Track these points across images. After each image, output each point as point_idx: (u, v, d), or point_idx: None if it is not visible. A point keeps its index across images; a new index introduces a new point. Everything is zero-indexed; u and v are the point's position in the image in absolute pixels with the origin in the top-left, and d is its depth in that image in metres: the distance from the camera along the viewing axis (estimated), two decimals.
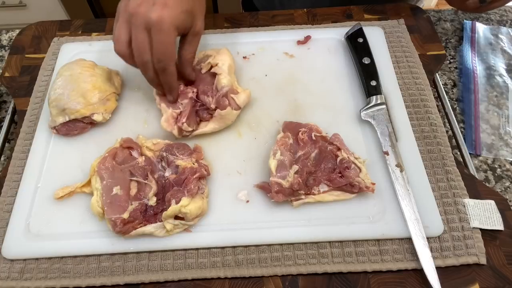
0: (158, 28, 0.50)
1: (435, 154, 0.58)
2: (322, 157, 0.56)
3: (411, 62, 0.67)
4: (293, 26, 0.72)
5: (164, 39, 0.50)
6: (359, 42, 0.66)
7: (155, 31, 0.50)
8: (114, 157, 0.55)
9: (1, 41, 0.77)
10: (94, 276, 0.50)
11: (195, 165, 0.54)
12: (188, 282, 0.50)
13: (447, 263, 0.50)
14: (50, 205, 0.55)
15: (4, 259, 0.51)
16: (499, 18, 0.77)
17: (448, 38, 0.76)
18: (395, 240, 0.51)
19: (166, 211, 0.50)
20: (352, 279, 0.50)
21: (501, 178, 0.59)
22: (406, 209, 0.52)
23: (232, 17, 0.74)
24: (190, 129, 0.57)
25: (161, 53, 0.51)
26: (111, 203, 0.51)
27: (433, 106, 0.62)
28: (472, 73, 0.70)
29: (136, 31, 0.51)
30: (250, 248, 0.51)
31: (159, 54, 0.51)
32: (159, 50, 0.51)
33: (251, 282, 0.50)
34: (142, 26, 0.50)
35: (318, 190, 0.53)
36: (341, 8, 0.75)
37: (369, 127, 0.60)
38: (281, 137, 0.56)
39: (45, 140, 0.60)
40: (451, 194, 0.55)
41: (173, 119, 0.58)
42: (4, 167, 0.59)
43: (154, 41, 0.51)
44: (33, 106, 0.64)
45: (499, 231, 0.52)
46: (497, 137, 0.63)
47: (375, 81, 0.62)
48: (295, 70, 0.66)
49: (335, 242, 0.51)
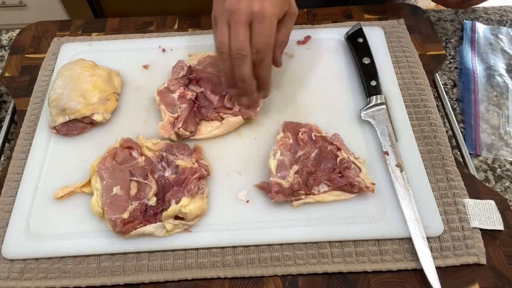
0: (260, 19, 0.49)
1: (435, 154, 0.58)
2: (322, 157, 0.56)
3: (411, 62, 0.67)
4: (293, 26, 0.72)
5: (266, 30, 0.50)
6: (359, 42, 0.66)
7: (257, 22, 0.50)
8: (114, 157, 0.55)
9: (1, 41, 0.77)
10: (94, 276, 0.50)
11: (195, 165, 0.54)
12: (188, 282, 0.50)
13: (447, 263, 0.50)
14: (50, 205, 0.55)
15: (4, 259, 0.51)
16: (499, 18, 0.77)
17: (448, 38, 0.76)
18: (395, 240, 0.51)
19: (166, 211, 0.50)
20: (352, 279, 0.50)
21: (501, 178, 0.59)
22: (406, 209, 0.52)
23: None
24: (188, 133, 0.57)
25: (262, 43, 0.51)
26: (111, 203, 0.51)
27: (433, 106, 0.62)
28: (472, 73, 0.70)
29: (236, 27, 0.50)
30: (250, 248, 0.51)
31: (260, 44, 0.51)
32: (260, 40, 0.51)
33: (251, 282, 0.50)
34: (244, 21, 0.50)
35: (318, 190, 0.53)
36: (341, 8, 0.75)
37: (369, 127, 0.60)
38: (281, 137, 0.56)
39: (45, 140, 0.60)
40: (451, 194, 0.55)
41: (170, 125, 0.58)
42: (4, 167, 0.59)
43: (255, 33, 0.50)
44: (33, 106, 0.64)
45: (499, 231, 0.52)
46: (497, 137, 0.63)
47: (375, 81, 0.62)
48: (295, 70, 0.66)
49: (335, 242, 0.51)
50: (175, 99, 0.59)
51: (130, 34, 0.72)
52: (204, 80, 0.62)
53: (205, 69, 0.63)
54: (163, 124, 0.58)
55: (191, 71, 0.63)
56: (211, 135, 0.59)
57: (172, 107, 0.59)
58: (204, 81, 0.62)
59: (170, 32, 0.72)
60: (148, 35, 0.72)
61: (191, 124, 0.58)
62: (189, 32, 0.72)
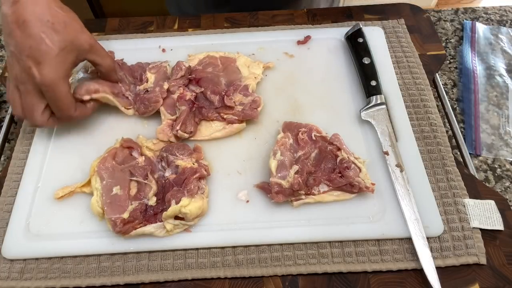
0: (45, 89, 0.49)
1: (435, 154, 0.58)
2: (322, 157, 0.56)
3: (411, 62, 0.67)
4: (293, 26, 0.72)
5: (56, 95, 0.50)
6: (359, 42, 0.66)
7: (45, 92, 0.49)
8: (114, 157, 0.55)
9: (1, 41, 0.77)
10: (94, 276, 0.50)
11: (195, 165, 0.54)
12: (188, 282, 0.50)
13: (447, 263, 0.50)
14: (50, 205, 0.55)
15: (4, 259, 0.51)
16: (499, 18, 0.77)
17: (448, 38, 0.76)
18: (395, 240, 0.51)
19: (166, 211, 0.50)
20: (352, 279, 0.50)
21: (501, 178, 0.59)
22: (406, 209, 0.52)
23: (232, 17, 0.74)
24: (186, 135, 0.57)
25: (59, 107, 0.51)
26: (111, 203, 0.51)
27: (433, 106, 0.62)
28: (472, 73, 0.70)
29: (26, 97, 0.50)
30: (250, 248, 0.51)
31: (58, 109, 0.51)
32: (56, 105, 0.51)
33: (251, 282, 0.50)
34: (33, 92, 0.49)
35: (318, 190, 0.53)
36: (341, 8, 0.75)
37: (369, 127, 0.60)
38: (281, 137, 0.56)
39: (45, 140, 0.60)
40: (451, 194, 0.55)
41: (168, 128, 0.58)
42: (4, 167, 0.59)
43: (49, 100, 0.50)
44: None
45: (499, 231, 0.52)
46: (497, 137, 0.63)
47: (375, 81, 0.62)
48: (295, 70, 0.66)
49: (335, 242, 0.51)
50: (174, 100, 0.59)
51: (130, 34, 0.72)
52: (204, 80, 0.62)
53: (205, 69, 0.63)
54: (162, 128, 0.58)
55: (191, 72, 0.63)
56: (212, 137, 0.59)
57: (171, 108, 0.59)
58: (204, 81, 0.62)
59: (170, 32, 0.72)
60: (148, 35, 0.72)
61: (190, 124, 0.58)
62: (189, 32, 0.72)
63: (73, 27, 0.50)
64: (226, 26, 0.73)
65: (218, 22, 0.74)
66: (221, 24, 0.74)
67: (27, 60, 0.47)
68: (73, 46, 0.50)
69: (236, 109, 0.59)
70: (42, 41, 0.47)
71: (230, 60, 0.65)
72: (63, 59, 0.49)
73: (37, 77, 0.47)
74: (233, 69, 0.64)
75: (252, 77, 0.62)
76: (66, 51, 0.49)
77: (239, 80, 0.62)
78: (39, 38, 0.47)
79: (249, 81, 0.62)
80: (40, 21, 0.48)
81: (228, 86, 0.61)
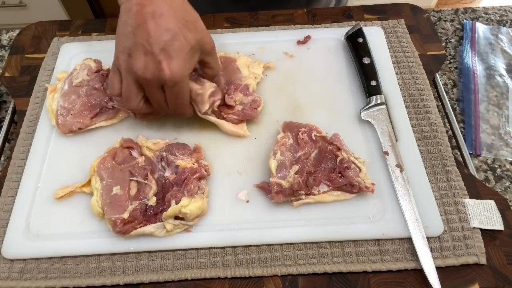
0: (171, 85, 0.49)
1: (435, 154, 0.58)
2: (322, 157, 0.56)
3: (411, 62, 0.67)
4: (293, 26, 0.72)
5: (179, 91, 0.50)
6: (359, 42, 0.66)
7: (169, 87, 0.49)
8: (114, 157, 0.55)
9: (1, 41, 0.77)
10: (94, 276, 0.50)
11: (195, 165, 0.54)
12: (188, 282, 0.50)
13: (447, 263, 0.50)
14: (50, 205, 0.55)
15: (4, 259, 0.51)
16: (499, 18, 0.77)
17: (448, 38, 0.76)
18: (395, 240, 0.51)
19: (166, 212, 0.50)
20: (352, 279, 0.50)
21: (501, 178, 0.59)
22: (406, 209, 0.52)
23: (232, 17, 0.74)
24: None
25: (178, 104, 0.52)
26: (111, 203, 0.51)
27: (433, 106, 0.62)
28: (472, 73, 0.70)
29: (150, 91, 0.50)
30: (250, 248, 0.51)
31: (176, 106, 0.52)
32: (176, 102, 0.51)
33: (251, 282, 0.50)
34: (156, 86, 0.49)
35: (318, 190, 0.53)
36: (341, 8, 0.75)
37: (369, 127, 0.60)
38: (281, 137, 0.56)
39: (45, 140, 0.60)
40: (451, 194, 0.55)
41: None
42: (4, 167, 0.59)
43: (169, 96, 0.51)
44: (33, 106, 0.64)
45: (499, 231, 0.52)
46: (497, 137, 0.63)
47: (375, 81, 0.62)
48: (295, 70, 0.66)
49: (335, 242, 0.51)
50: None
51: None
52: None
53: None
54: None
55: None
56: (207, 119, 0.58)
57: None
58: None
59: None
60: None
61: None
62: None
63: (200, 27, 0.51)
64: (226, 26, 0.73)
65: (218, 22, 0.74)
66: (221, 24, 0.74)
67: (160, 54, 0.47)
68: (199, 45, 0.50)
69: (236, 108, 0.59)
70: (177, 37, 0.47)
71: (230, 60, 0.65)
72: (191, 57, 0.50)
73: (166, 72, 0.47)
74: (233, 69, 0.64)
75: (252, 77, 0.62)
76: (193, 50, 0.50)
77: (239, 79, 0.62)
78: (174, 34, 0.47)
79: (249, 81, 0.62)
80: (176, 17, 0.48)
81: (228, 85, 0.61)
